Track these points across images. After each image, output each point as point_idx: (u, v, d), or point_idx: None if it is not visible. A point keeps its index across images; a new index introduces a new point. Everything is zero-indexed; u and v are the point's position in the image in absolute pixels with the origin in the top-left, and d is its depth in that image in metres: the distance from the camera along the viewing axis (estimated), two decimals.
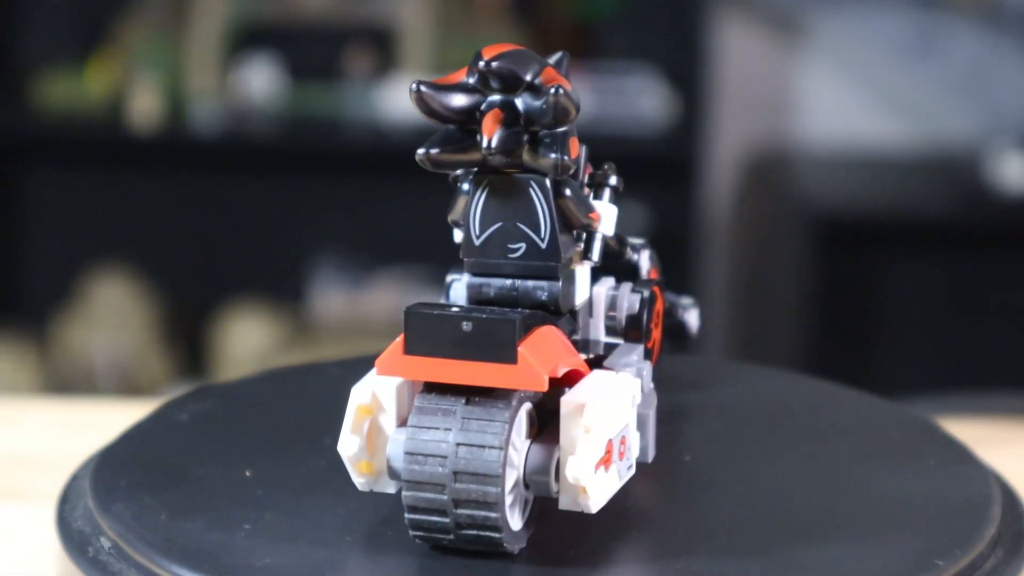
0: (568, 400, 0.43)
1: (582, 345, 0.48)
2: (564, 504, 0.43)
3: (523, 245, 0.45)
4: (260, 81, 1.86)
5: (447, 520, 0.42)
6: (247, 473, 0.50)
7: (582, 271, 0.47)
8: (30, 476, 0.63)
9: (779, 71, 2.00)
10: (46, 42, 1.97)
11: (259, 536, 0.45)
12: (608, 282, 0.49)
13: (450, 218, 0.47)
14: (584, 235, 0.47)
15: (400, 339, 0.43)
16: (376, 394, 0.44)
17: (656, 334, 0.50)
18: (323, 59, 1.87)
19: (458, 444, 0.42)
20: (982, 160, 1.85)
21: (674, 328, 0.57)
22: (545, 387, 0.42)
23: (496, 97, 0.44)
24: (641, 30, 1.94)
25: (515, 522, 0.43)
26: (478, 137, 0.43)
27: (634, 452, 0.46)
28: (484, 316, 0.42)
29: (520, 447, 0.43)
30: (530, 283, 0.45)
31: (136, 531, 0.46)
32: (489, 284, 0.46)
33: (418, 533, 0.43)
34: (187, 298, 1.99)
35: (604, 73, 1.86)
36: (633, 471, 0.46)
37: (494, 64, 0.43)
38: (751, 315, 2.03)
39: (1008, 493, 0.51)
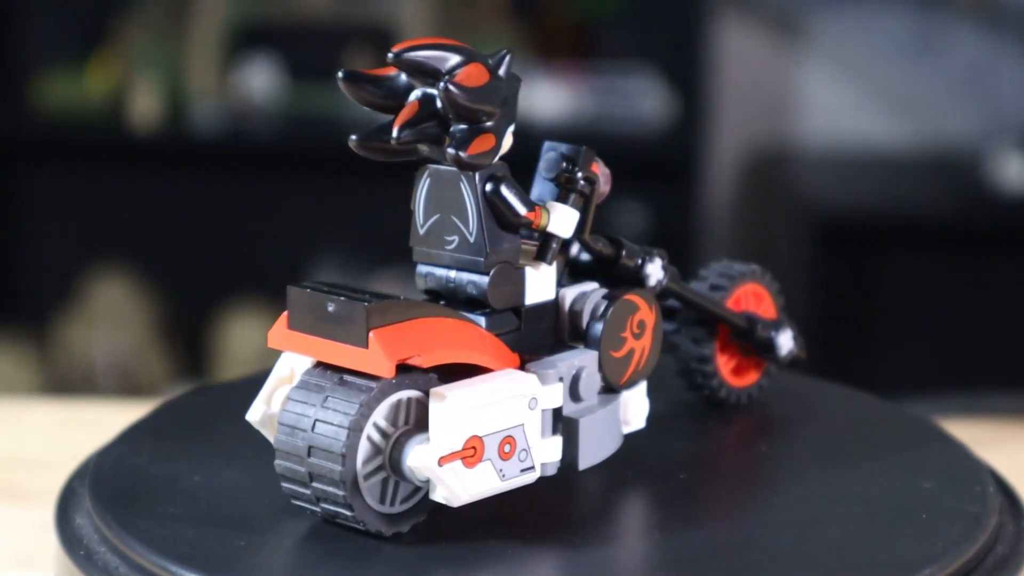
0: (435, 391, 0.43)
1: (545, 348, 0.47)
2: (432, 495, 0.43)
3: (456, 238, 0.45)
4: (260, 81, 1.86)
5: (309, 492, 0.43)
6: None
7: (535, 272, 0.46)
8: (30, 476, 0.64)
9: (779, 71, 2.00)
10: (46, 42, 1.97)
11: (198, 488, 0.47)
12: (584, 286, 0.48)
13: (412, 207, 0.47)
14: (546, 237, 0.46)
15: (285, 314, 0.44)
16: (293, 367, 0.45)
17: (635, 344, 0.48)
18: (323, 59, 1.87)
19: (316, 420, 0.43)
20: (982, 160, 1.85)
21: (760, 348, 0.55)
22: (389, 374, 0.42)
23: (422, 90, 0.44)
24: (641, 30, 1.94)
25: (380, 504, 0.43)
26: None
27: (538, 456, 0.45)
28: (344, 299, 0.43)
29: (390, 432, 0.43)
30: (464, 276, 0.46)
31: (100, 473, 0.48)
32: (432, 274, 0.46)
33: (296, 503, 0.44)
34: (187, 298, 1.99)
35: (604, 73, 1.86)
36: (536, 475, 0.45)
37: (404, 55, 0.44)
38: None
39: (1007, 493, 0.51)
